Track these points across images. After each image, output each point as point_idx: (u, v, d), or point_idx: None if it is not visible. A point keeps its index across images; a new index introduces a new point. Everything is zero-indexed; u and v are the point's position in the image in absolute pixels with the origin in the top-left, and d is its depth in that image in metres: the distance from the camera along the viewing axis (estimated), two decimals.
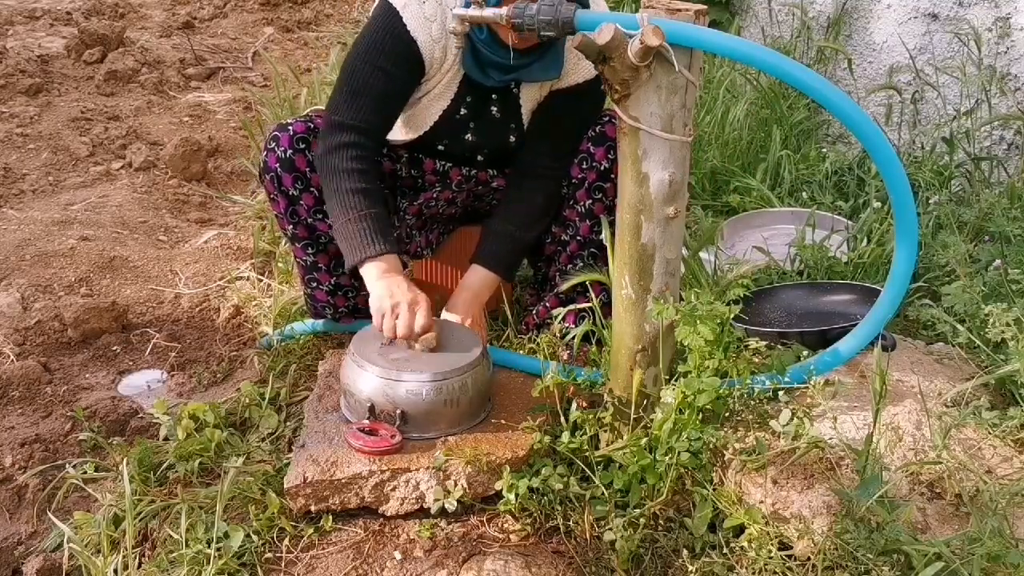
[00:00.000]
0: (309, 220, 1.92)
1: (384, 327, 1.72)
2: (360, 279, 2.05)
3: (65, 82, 4.33)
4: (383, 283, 1.74)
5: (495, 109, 1.92)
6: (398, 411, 1.69)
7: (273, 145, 1.87)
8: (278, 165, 1.86)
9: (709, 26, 1.45)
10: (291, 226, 1.94)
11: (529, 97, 1.93)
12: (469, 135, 1.95)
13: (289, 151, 1.85)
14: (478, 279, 1.94)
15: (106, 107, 4.06)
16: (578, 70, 1.88)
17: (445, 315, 1.93)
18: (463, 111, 1.91)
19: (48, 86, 4.23)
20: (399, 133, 1.96)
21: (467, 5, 1.66)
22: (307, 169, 1.87)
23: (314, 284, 2.04)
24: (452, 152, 1.98)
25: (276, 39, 5.25)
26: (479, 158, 2.00)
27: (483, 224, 2.02)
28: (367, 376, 1.71)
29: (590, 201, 1.94)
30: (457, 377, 1.71)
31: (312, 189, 1.88)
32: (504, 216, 1.98)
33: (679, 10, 1.42)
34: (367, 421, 1.70)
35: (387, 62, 1.78)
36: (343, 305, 2.07)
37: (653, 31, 1.35)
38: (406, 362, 1.73)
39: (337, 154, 1.79)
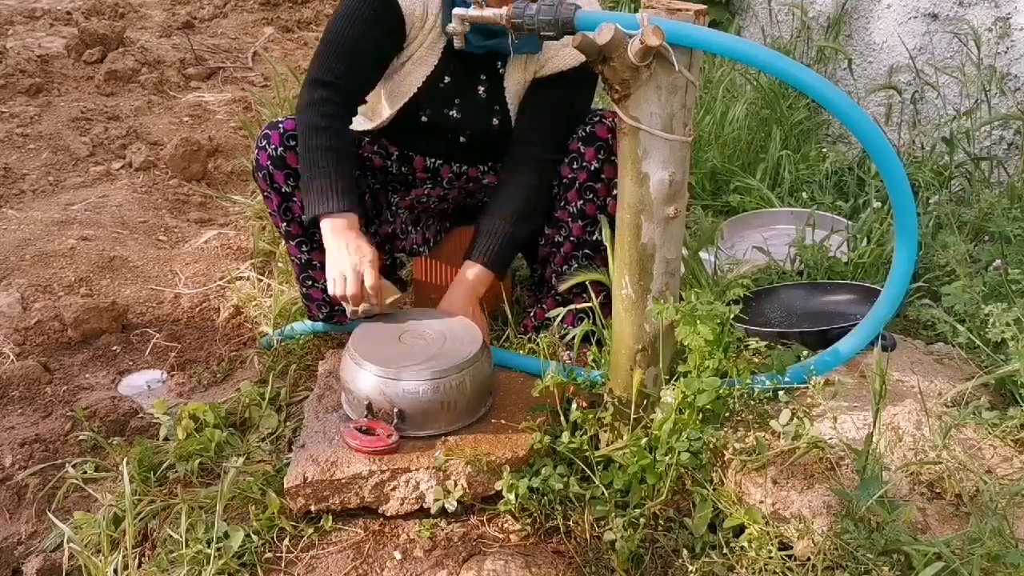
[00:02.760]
0: (303, 217, 1.93)
1: (336, 291, 1.74)
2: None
3: (65, 82, 4.33)
4: (335, 241, 1.76)
5: (482, 89, 1.94)
6: (396, 409, 1.69)
7: (265, 143, 1.88)
8: (270, 163, 1.87)
9: (709, 26, 1.45)
10: (285, 223, 1.94)
11: (513, 80, 1.94)
12: (454, 111, 1.96)
13: (280, 148, 1.86)
14: (472, 275, 1.94)
15: (106, 107, 4.06)
16: (560, 56, 1.89)
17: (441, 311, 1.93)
18: (447, 79, 1.92)
19: (48, 86, 4.23)
20: (385, 108, 1.97)
21: (467, 5, 1.66)
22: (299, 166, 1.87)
23: (309, 283, 2.05)
24: (435, 125, 1.97)
25: (276, 39, 5.25)
26: (461, 139, 2.00)
27: (476, 220, 2.02)
28: (365, 374, 1.71)
29: (581, 202, 1.94)
30: (455, 375, 1.70)
31: None
32: (496, 212, 1.97)
33: (679, 10, 1.42)
34: (365, 419, 1.70)
35: (366, 18, 1.80)
36: (338, 303, 2.07)
37: (653, 31, 1.35)
38: (404, 360, 1.73)
39: (310, 110, 1.81)
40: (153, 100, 4.21)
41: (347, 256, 1.74)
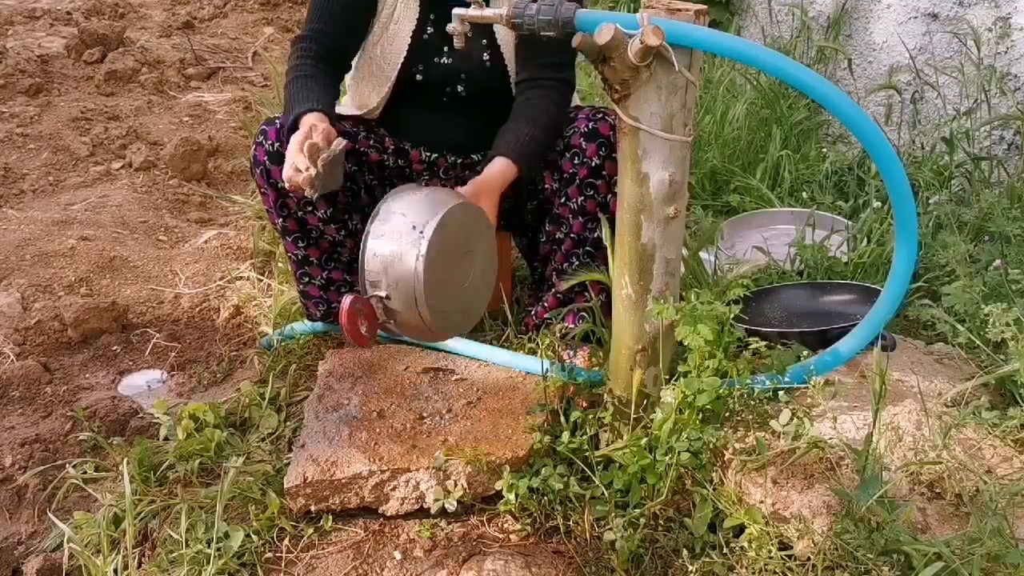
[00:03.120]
0: (299, 213, 1.93)
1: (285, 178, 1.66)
2: (353, 274, 2.07)
3: (65, 82, 4.33)
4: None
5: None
6: (394, 323, 1.63)
7: (261, 139, 1.89)
8: (267, 158, 1.87)
9: (709, 26, 1.45)
10: (281, 219, 1.95)
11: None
12: (444, 58, 1.98)
13: (277, 144, 1.87)
14: (495, 168, 1.87)
15: (106, 107, 4.06)
16: None
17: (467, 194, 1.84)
18: (430, 30, 1.96)
19: (48, 86, 4.23)
20: (377, 83, 1.99)
21: (466, 5, 1.66)
22: None
23: (306, 279, 2.05)
24: (431, 82, 1.99)
25: (276, 39, 5.25)
26: (460, 90, 2.00)
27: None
28: (411, 293, 1.58)
29: (582, 198, 1.94)
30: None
31: None
32: (513, 117, 1.95)
33: (679, 10, 1.42)
34: (368, 299, 1.61)
35: None
36: (336, 301, 2.07)
37: (653, 31, 1.35)
38: (444, 300, 1.63)
39: (291, 58, 1.95)
40: (153, 100, 4.21)
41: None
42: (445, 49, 1.97)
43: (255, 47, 5.03)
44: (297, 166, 1.62)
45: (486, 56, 1.99)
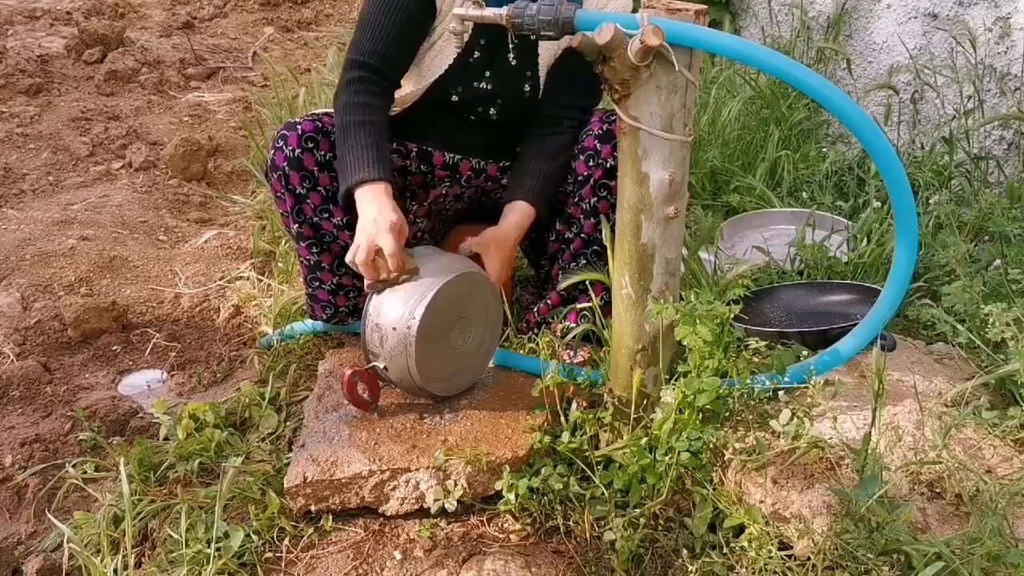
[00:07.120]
0: (315, 219, 1.92)
1: (347, 258, 1.71)
2: (362, 279, 2.06)
3: (65, 82, 4.33)
4: (365, 209, 1.73)
5: (512, 56, 1.94)
6: (394, 387, 1.80)
7: (281, 144, 1.86)
8: (286, 164, 1.86)
9: (709, 26, 1.45)
10: (296, 225, 1.94)
11: (546, 48, 1.95)
12: (484, 83, 1.96)
13: (298, 150, 1.85)
14: (513, 217, 1.96)
15: (106, 107, 4.06)
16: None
17: (477, 244, 1.94)
18: (476, 54, 1.92)
19: (48, 86, 4.23)
20: (412, 83, 1.97)
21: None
22: (315, 168, 1.87)
23: (316, 284, 2.04)
24: (465, 102, 1.98)
25: (276, 39, 5.25)
26: (492, 112, 2.00)
27: (509, 171, 2.05)
28: (405, 358, 1.70)
29: (595, 199, 1.94)
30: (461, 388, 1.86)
31: (319, 188, 1.89)
32: (528, 155, 2.00)
33: (679, 10, 1.42)
34: (368, 370, 1.76)
35: None
36: (344, 305, 2.07)
37: (653, 31, 1.35)
38: (437, 366, 1.76)
39: (348, 89, 1.84)
40: (153, 100, 4.21)
41: (369, 225, 1.72)
42: (487, 74, 1.95)
43: (255, 47, 5.03)
44: (378, 267, 1.70)
45: (527, 88, 1.98)
